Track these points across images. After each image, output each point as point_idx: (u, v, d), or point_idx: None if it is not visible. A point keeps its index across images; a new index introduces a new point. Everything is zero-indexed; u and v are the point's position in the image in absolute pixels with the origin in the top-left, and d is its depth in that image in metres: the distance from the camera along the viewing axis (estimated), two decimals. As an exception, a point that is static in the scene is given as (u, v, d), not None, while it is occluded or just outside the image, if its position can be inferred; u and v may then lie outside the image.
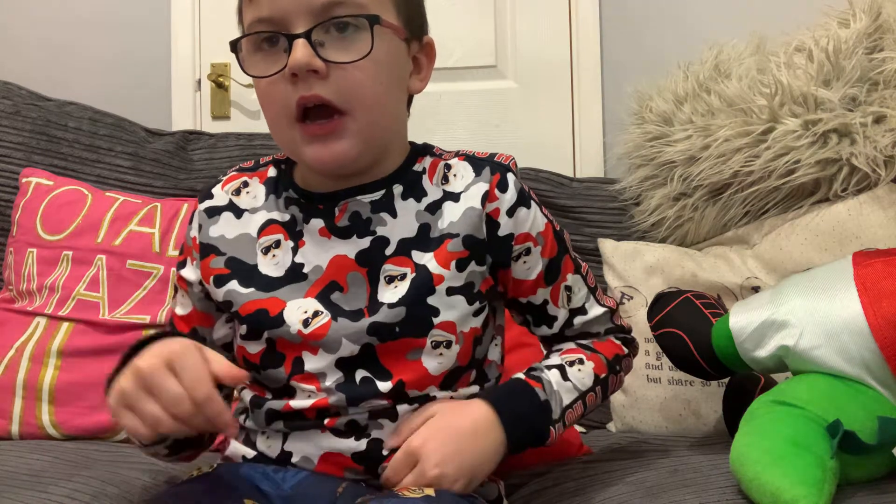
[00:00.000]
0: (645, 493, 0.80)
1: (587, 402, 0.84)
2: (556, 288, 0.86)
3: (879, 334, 0.80)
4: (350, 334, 0.77)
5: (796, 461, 0.70)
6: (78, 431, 1.17)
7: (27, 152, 1.43)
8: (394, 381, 0.77)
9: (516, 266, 0.83)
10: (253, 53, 0.76)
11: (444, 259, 0.78)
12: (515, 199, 0.81)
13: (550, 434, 0.79)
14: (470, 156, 0.84)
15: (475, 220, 0.80)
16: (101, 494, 0.87)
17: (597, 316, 0.89)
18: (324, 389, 0.77)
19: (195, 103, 1.81)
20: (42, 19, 1.83)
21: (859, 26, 1.26)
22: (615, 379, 0.89)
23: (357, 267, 0.79)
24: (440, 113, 1.75)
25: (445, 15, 1.76)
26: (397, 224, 0.80)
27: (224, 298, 0.81)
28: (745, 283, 1.23)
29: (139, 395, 0.65)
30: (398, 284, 0.78)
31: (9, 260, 1.33)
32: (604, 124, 1.70)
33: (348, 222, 0.80)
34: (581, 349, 0.87)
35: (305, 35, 0.72)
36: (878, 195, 1.20)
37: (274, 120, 0.78)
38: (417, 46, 0.83)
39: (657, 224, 1.40)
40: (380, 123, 0.78)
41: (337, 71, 0.73)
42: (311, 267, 0.80)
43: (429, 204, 0.81)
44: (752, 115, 1.27)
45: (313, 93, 0.73)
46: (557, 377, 0.82)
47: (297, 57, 0.72)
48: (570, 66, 1.74)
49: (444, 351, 0.78)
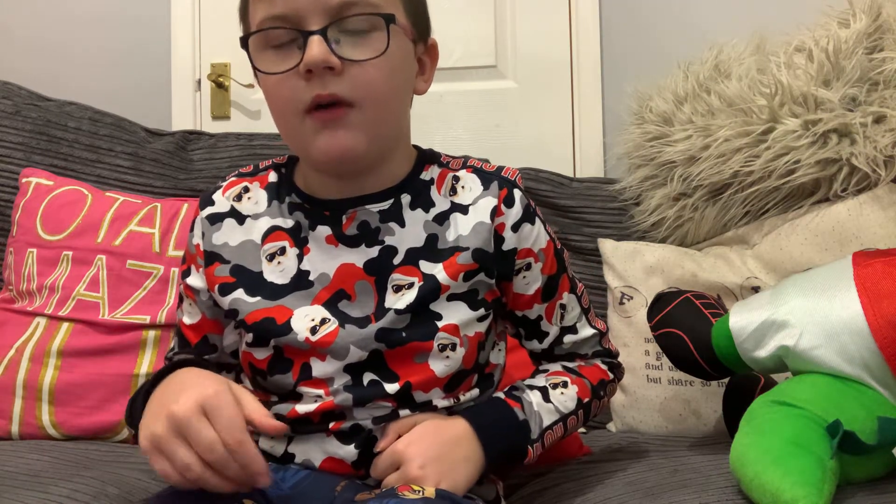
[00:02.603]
0: (645, 494, 0.80)
1: (568, 425, 0.85)
2: (552, 305, 0.87)
3: (879, 334, 0.80)
4: (358, 341, 0.77)
5: (796, 461, 0.70)
6: (78, 431, 1.17)
7: (27, 152, 1.43)
8: (401, 382, 0.78)
9: (517, 280, 0.84)
10: (262, 51, 0.76)
11: (454, 271, 0.79)
12: (521, 214, 0.82)
13: (529, 453, 0.80)
14: (478, 168, 0.85)
15: (485, 234, 0.81)
16: (101, 494, 0.87)
17: (586, 337, 0.90)
18: (332, 392, 0.78)
19: (195, 103, 1.81)
20: (42, 19, 1.83)
21: (859, 26, 1.26)
22: (598, 404, 0.89)
23: (365, 276, 0.79)
24: (440, 113, 1.75)
25: (445, 15, 1.76)
26: (405, 233, 0.80)
27: (230, 307, 0.81)
28: (745, 283, 1.23)
29: (172, 441, 0.63)
30: (405, 293, 0.79)
31: (9, 260, 1.33)
32: (604, 124, 1.70)
33: (357, 231, 0.80)
34: (567, 372, 0.88)
35: (321, 32, 0.72)
36: (878, 195, 1.20)
37: (282, 114, 0.78)
38: (423, 48, 0.83)
39: (657, 224, 1.40)
40: (387, 121, 0.78)
41: (352, 68, 0.74)
42: (317, 274, 0.80)
43: (437, 214, 0.81)
44: (752, 115, 1.27)
45: (329, 91, 0.73)
46: (539, 398, 0.84)
47: (314, 53, 0.72)
48: (570, 65, 1.74)
49: (451, 353, 0.79)
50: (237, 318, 0.81)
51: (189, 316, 0.86)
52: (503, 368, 0.89)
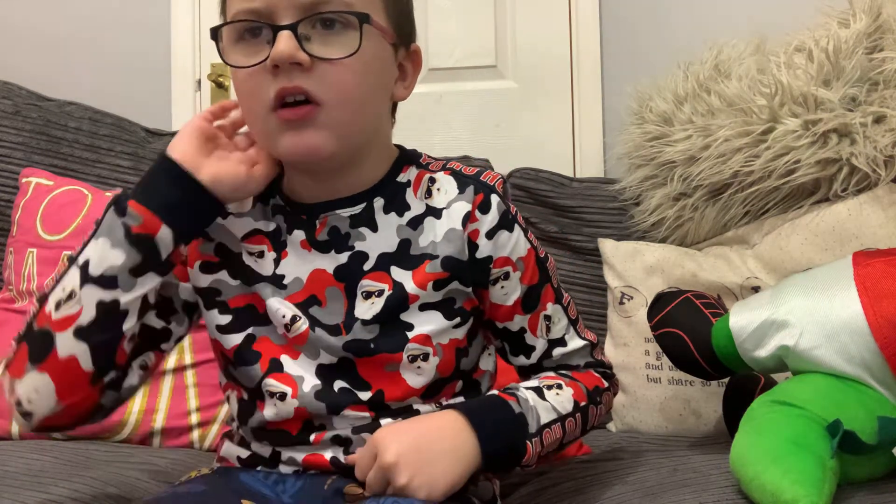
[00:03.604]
0: (645, 493, 0.80)
1: (566, 427, 0.80)
2: (535, 316, 0.83)
3: (879, 334, 0.80)
4: (327, 347, 0.77)
5: (796, 461, 0.70)
6: (78, 431, 1.17)
7: (27, 152, 1.43)
8: (373, 390, 0.77)
9: (494, 290, 0.81)
10: (234, 44, 0.75)
11: (421, 280, 0.77)
12: (497, 221, 0.79)
13: (528, 449, 0.75)
14: (456, 171, 0.82)
15: (457, 241, 0.78)
16: (101, 494, 0.87)
17: (577, 348, 0.86)
18: (299, 395, 0.77)
19: (195, 103, 1.81)
20: (42, 19, 1.83)
21: (859, 26, 1.26)
22: (595, 410, 0.84)
23: (335, 282, 0.78)
24: (440, 113, 1.75)
25: (445, 15, 1.76)
26: (378, 238, 0.79)
27: (210, 286, 0.80)
28: (745, 283, 1.23)
29: (206, 147, 0.76)
30: (374, 301, 0.77)
31: (9, 260, 1.33)
32: (604, 124, 1.70)
33: (327, 237, 0.79)
34: (559, 376, 0.83)
35: (291, 27, 0.71)
36: (878, 195, 1.20)
37: (250, 110, 0.76)
38: (404, 53, 0.81)
39: (657, 224, 1.40)
40: (357, 123, 0.76)
41: (321, 66, 0.72)
42: (291, 279, 0.79)
43: (411, 219, 0.79)
44: (752, 115, 1.27)
45: (295, 84, 0.71)
46: (534, 396, 0.78)
47: (281, 48, 0.70)
48: (570, 65, 1.74)
49: (423, 364, 0.78)
50: (218, 297, 0.80)
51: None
52: (493, 376, 0.87)
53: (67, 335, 0.70)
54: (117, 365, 0.74)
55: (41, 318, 0.71)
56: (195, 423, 1.20)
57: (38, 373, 0.71)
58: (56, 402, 0.71)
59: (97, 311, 0.71)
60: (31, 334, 0.72)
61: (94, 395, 0.73)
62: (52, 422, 0.73)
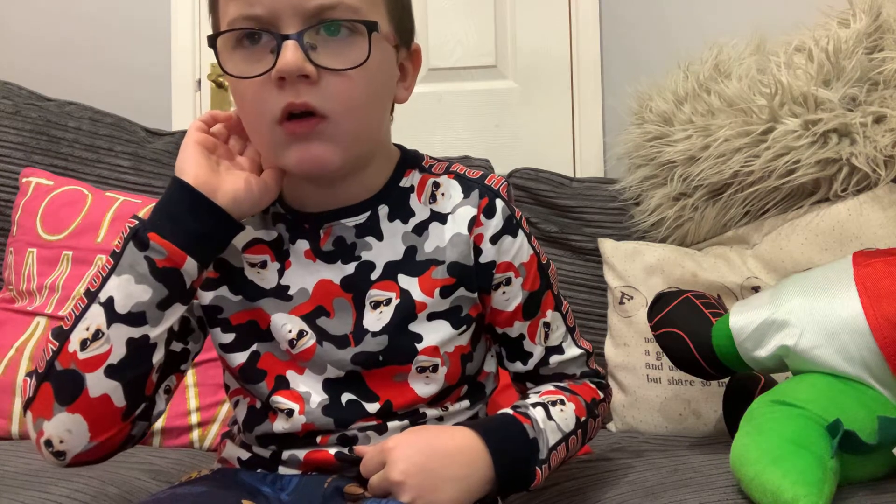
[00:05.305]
0: (645, 493, 0.80)
1: (570, 445, 0.79)
2: (535, 323, 0.83)
3: (879, 334, 0.80)
4: (334, 361, 0.77)
5: (796, 461, 0.70)
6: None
7: (27, 152, 1.43)
8: (381, 401, 0.77)
9: (496, 295, 0.80)
10: (232, 50, 0.71)
11: (428, 287, 0.77)
12: (501, 226, 0.78)
13: (537, 476, 0.74)
14: (460, 175, 0.81)
15: (463, 247, 0.78)
16: (101, 494, 0.87)
17: (573, 357, 0.85)
18: (307, 412, 0.76)
19: (195, 103, 1.81)
20: (42, 19, 1.83)
21: (859, 26, 1.26)
22: (594, 423, 0.84)
23: (342, 293, 0.77)
24: (440, 113, 1.75)
25: (445, 15, 1.76)
26: (383, 247, 0.78)
27: (211, 303, 0.79)
28: (745, 283, 1.23)
29: (210, 157, 0.74)
30: (383, 310, 0.77)
31: (9, 260, 1.33)
32: (604, 124, 1.70)
33: (332, 247, 0.78)
34: (560, 391, 0.83)
35: (297, 37, 0.67)
36: (878, 195, 1.20)
37: (254, 121, 0.73)
38: (405, 53, 0.79)
39: (657, 224, 1.40)
40: (363, 132, 0.74)
41: (328, 78, 0.69)
42: (296, 289, 0.78)
43: (416, 225, 0.78)
44: (752, 115, 1.27)
45: (303, 100, 0.69)
46: (543, 415, 0.78)
47: (288, 60, 0.67)
48: (569, 65, 1.74)
49: (431, 375, 0.77)
50: (220, 315, 0.79)
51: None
52: (496, 377, 0.86)
53: (98, 375, 0.68)
54: (147, 396, 0.73)
55: (65, 358, 0.69)
56: (195, 423, 1.20)
57: (68, 414, 0.69)
58: (89, 440, 0.70)
59: (128, 348, 0.69)
60: (55, 374, 0.69)
61: (126, 429, 0.72)
62: (84, 458, 0.72)
